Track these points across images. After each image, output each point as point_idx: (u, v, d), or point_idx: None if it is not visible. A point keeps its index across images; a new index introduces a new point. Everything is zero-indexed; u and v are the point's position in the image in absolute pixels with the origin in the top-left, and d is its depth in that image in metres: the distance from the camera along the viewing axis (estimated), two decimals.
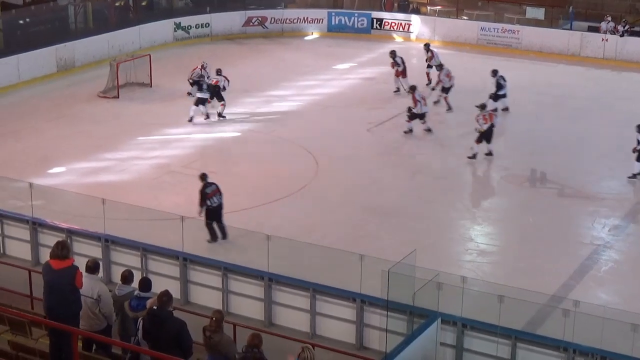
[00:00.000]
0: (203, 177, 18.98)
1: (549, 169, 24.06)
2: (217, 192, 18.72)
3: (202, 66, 28.83)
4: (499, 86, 28.42)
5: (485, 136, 24.20)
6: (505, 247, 19.67)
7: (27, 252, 17.89)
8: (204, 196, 18.53)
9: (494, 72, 28.52)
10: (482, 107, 24.76)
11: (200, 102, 27.04)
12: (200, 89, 27.38)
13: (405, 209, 21.19)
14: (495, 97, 28.30)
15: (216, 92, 27.40)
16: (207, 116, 27.26)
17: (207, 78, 28.10)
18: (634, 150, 22.75)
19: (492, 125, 24.19)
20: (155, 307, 11.12)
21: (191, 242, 16.75)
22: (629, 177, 22.96)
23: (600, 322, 13.45)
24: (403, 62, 30.87)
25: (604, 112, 29.37)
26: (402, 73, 30.75)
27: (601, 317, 13.63)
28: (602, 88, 32.63)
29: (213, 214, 18.66)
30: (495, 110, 26.54)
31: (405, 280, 13.15)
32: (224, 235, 18.66)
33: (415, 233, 19.80)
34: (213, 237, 18.57)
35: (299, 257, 17.04)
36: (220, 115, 27.52)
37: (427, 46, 32.23)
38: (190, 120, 27.01)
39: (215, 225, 18.59)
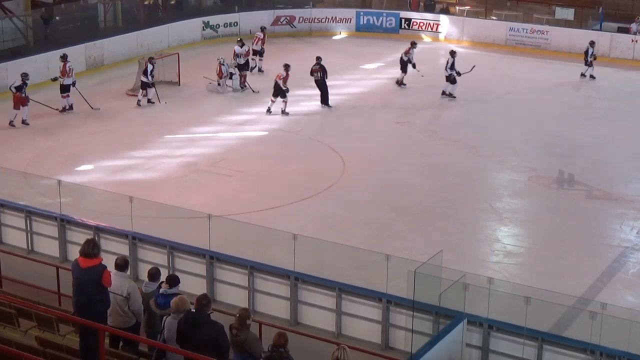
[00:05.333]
0: None
1: (576, 170, 23.95)
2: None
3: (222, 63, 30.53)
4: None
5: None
6: (532, 249, 19.58)
7: (55, 249, 18.00)
8: None
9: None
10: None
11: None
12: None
13: (431, 209, 21.16)
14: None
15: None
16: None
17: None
18: None
19: None
20: (193, 310, 11.14)
21: (218, 241, 16.78)
22: None
23: (628, 324, 13.36)
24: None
25: (633, 114, 29.19)
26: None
27: (628, 320, 13.55)
28: (631, 89, 32.42)
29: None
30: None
31: (432, 281, 13.13)
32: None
33: (441, 233, 19.76)
34: None
35: (325, 257, 17.06)
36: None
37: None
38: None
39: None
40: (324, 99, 29.29)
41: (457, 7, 42.26)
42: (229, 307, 15.19)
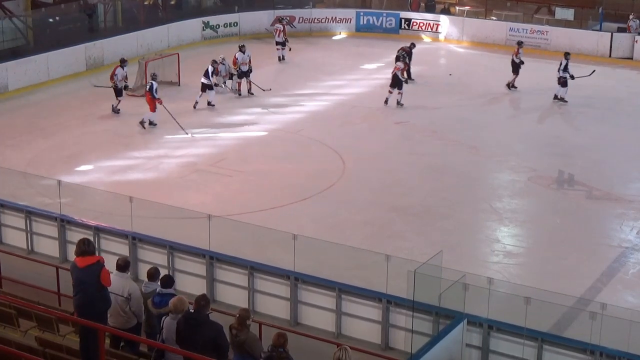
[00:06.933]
0: None
1: (576, 170, 23.95)
2: None
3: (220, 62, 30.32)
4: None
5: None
6: (532, 249, 19.58)
7: (55, 249, 18.00)
8: None
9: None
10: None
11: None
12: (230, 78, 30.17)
13: (431, 210, 21.15)
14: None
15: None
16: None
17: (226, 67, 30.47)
18: None
19: None
20: (192, 310, 11.15)
21: (218, 241, 16.79)
22: None
23: (628, 325, 13.37)
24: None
25: (633, 114, 29.19)
26: None
27: (628, 320, 13.55)
28: (631, 89, 32.41)
29: None
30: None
31: (431, 281, 13.14)
32: None
33: (441, 234, 19.76)
34: None
35: (325, 257, 17.05)
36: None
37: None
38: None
39: None
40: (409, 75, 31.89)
41: (457, 7, 42.23)
42: (229, 307, 15.20)
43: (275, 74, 32.61)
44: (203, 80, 28.83)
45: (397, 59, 30.41)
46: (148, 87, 26.65)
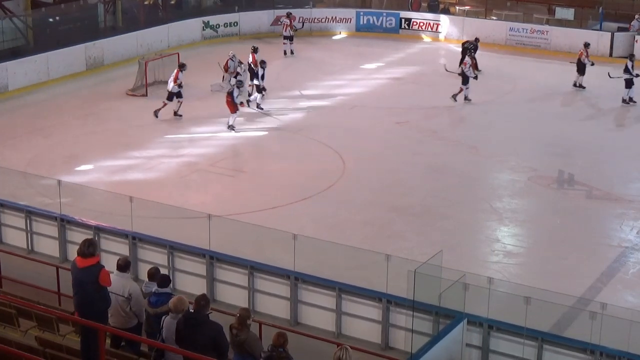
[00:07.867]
0: None
1: (576, 170, 23.95)
2: None
3: (231, 58, 30.36)
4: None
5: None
6: (532, 249, 19.58)
7: (55, 249, 18.01)
8: None
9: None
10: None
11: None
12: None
13: (431, 210, 21.15)
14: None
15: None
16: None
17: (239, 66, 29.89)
18: None
19: None
20: (191, 310, 11.15)
21: (218, 241, 16.79)
22: None
23: (628, 324, 13.38)
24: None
25: (633, 114, 29.17)
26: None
27: (629, 320, 13.56)
28: (631, 89, 32.34)
29: None
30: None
31: (432, 281, 13.14)
32: None
33: (441, 233, 19.76)
34: None
35: (325, 257, 17.05)
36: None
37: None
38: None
39: None
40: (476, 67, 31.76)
41: (457, 7, 42.21)
42: (229, 307, 15.20)
43: (276, 74, 32.55)
44: (255, 82, 28.86)
45: (465, 51, 30.68)
46: (230, 90, 26.80)
